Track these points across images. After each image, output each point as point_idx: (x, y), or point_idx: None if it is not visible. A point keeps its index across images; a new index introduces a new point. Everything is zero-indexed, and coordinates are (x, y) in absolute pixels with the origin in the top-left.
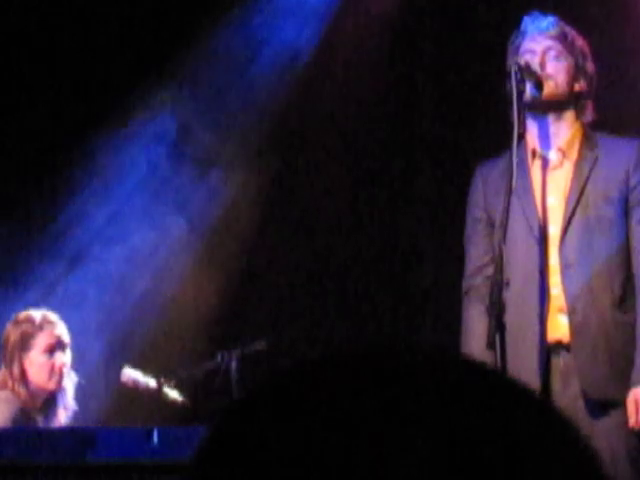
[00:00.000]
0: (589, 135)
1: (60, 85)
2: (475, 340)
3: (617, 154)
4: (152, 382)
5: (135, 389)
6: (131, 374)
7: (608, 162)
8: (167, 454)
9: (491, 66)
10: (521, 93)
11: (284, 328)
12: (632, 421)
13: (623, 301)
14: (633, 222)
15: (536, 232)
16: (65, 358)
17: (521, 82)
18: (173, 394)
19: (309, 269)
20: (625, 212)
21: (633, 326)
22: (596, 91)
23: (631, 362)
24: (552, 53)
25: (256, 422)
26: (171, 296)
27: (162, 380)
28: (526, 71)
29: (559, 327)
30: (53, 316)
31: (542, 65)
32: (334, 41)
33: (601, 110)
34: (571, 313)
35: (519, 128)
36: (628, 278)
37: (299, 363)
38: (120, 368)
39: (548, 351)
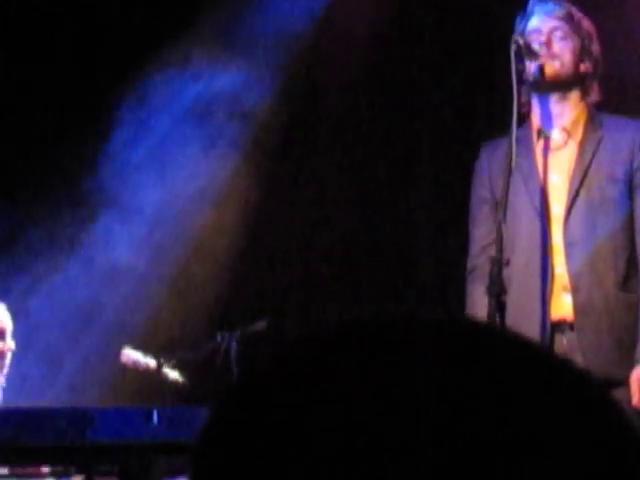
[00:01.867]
0: (594, 115)
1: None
2: (480, 319)
3: (622, 134)
4: (152, 362)
5: (135, 369)
6: (131, 354)
7: (612, 142)
8: (167, 434)
9: (493, 48)
10: (521, 72)
11: (284, 309)
12: (635, 400)
13: (627, 280)
14: (637, 202)
15: (540, 211)
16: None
17: (521, 61)
18: (173, 374)
19: (310, 250)
20: (629, 192)
21: (637, 305)
22: (602, 72)
23: (634, 341)
24: (558, 33)
25: (258, 400)
26: (171, 277)
27: (162, 360)
28: (526, 50)
29: (563, 306)
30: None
31: (548, 44)
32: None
33: (605, 91)
34: (575, 292)
35: (520, 107)
36: (632, 258)
37: (295, 342)
38: (120, 348)
39: (551, 330)
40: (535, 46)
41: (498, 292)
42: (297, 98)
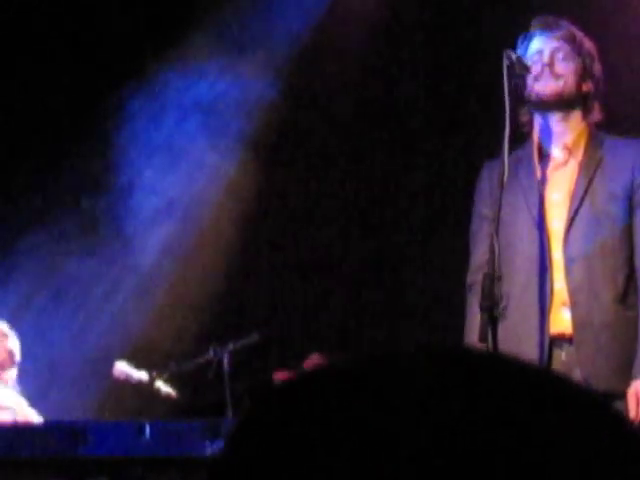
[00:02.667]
0: (595, 135)
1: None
2: (477, 334)
3: (622, 154)
4: (144, 376)
5: (127, 383)
6: (123, 368)
7: (613, 162)
8: (159, 449)
9: (487, 65)
10: (513, 87)
11: (276, 322)
12: (632, 414)
13: (626, 296)
14: (636, 220)
15: (540, 227)
16: (12, 374)
17: (515, 76)
18: (166, 388)
19: (302, 263)
20: (629, 210)
21: (635, 322)
22: (603, 92)
23: (632, 356)
24: (560, 54)
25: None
26: (163, 290)
27: (154, 374)
28: (518, 65)
29: (562, 321)
30: (5, 327)
31: (550, 65)
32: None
33: (606, 110)
34: (574, 307)
35: (521, 126)
36: (630, 274)
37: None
38: (113, 362)
39: (550, 344)
40: (527, 61)
41: (490, 306)
42: (292, 106)
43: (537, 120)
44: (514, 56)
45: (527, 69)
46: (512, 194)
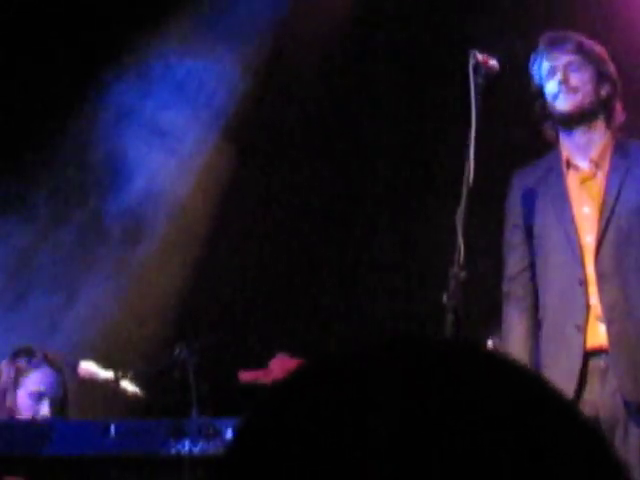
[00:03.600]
0: (621, 143)
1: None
2: (515, 341)
3: None
4: (109, 375)
5: (93, 383)
6: (88, 367)
7: (639, 171)
8: (124, 448)
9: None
10: (478, 85)
11: (243, 321)
12: None
13: None
14: None
15: (572, 241)
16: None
17: (480, 76)
18: (131, 388)
19: (267, 262)
20: None
21: None
22: (621, 91)
23: None
24: (573, 67)
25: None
26: (129, 289)
27: (120, 374)
28: (483, 65)
29: (598, 335)
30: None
31: (565, 80)
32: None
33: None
34: (608, 323)
35: (478, 122)
36: None
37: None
38: (78, 362)
39: (588, 357)
40: (492, 62)
41: (455, 306)
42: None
43: (562, 134)
44: (480, 56)
45: (493, 69)
46: (543, 204)
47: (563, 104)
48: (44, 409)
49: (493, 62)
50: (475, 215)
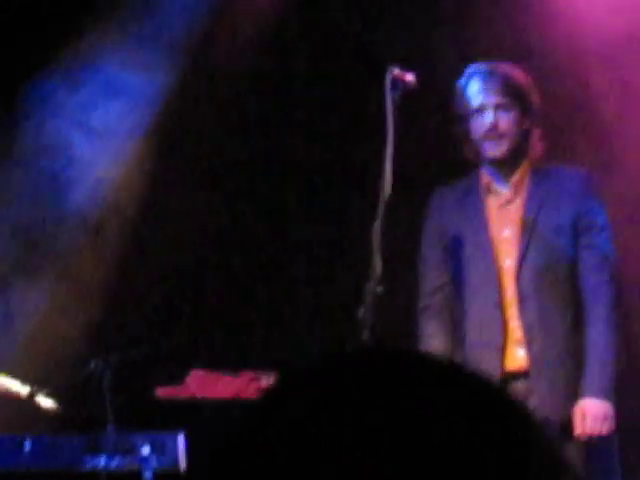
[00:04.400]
0: (539, 168)
1: None
2: (435, 352)
3: (565, 185)
4: (24, 390)
5: (6, 397)
6: (2, 382)
7: (557, 194)
8: (39, 463)
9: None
10: (394, 100)
11: (159, 336)
12: (577, 430)
13: (576, 324)
14: (581, 247)
15: (490, 264)
16: None
17: (398, 91)
18: (46, 402)
19: (183, 276)
20: (575, 240)
21: (583, 345)
22: (542, 117)
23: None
24: (502, 109)
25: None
26: (45, 302)
27: (35, 388)
28: (400, 80)
29: (517, 358)
30: None
31: (495, 126)
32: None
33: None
34: (529, 344)
35: (394, 137)
36: (579, 303)
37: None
38: None
39: (508, 379)
40: (409, 77)
41: (372, 322)
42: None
43: (483, 161)
44: (397, 71)
45: (409, 84)
46: (461, 226)
47: (492, 151)
48: None
49: (410, 77)
50: (394, 229)
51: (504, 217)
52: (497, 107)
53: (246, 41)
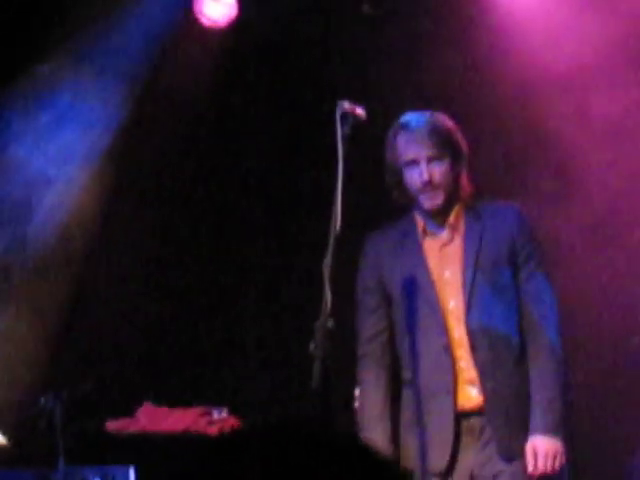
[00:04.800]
0: (472, 206)
1: None
2: (375, 404)
3: (500, 221)
4: None
5: None
6: None
7: (494, 230)
8: None
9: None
10: (345, 134)
11: (109, 370)
12: (530, 468)
13: (521, 356)
14: (521, 280)
15: (435, 307)
16: None
17: (348, 125)
18: None
19: (136, 310)
20: (514, 274)
21: (528, 375)
22: (471, 162)
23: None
24: (435, 162)
25: None
26: None
27: None
28: (350, 114)
29: (469, 397)
30: None
31: (429, 180)
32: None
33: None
34: (483, 383)
35: (344, 170)
36: (522, 334)
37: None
38: None
39: (459, 419)
40: (359, 111)
41: (323, 355)
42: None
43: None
44: (347, 105)
45: (359, 118)
46: (400, 270)
47: (429, 203)
48: None
49: (360, 111)
50: (343, 263)
51: (444, 259)
52: (429, 160)
53: (198, 72)
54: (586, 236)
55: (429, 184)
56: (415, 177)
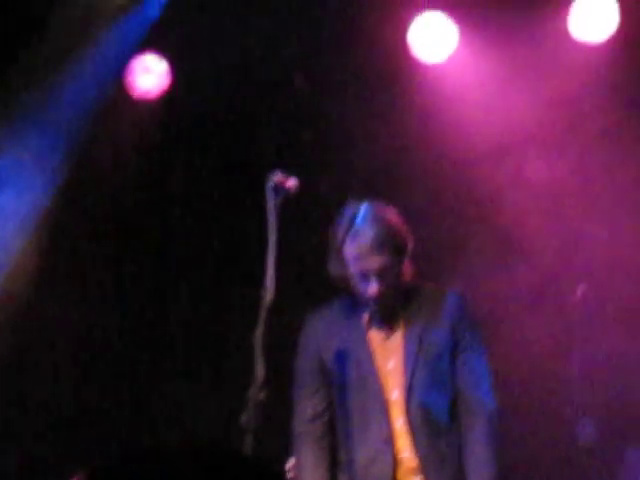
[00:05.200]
0: (413, 293)
1: None
2: None
3: (441, 308)
4: None
5: None
6: None
7: (434, 318)
8: None
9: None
10: (276, 205)
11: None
12: None
13: (458, 437)
14: (458, 365)
15: (378, 398)
16: None
17: (279, 196)
18: None
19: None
20: (452, 361)
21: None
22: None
23: None
24: (385, 270)
25: None
26: None
27: None
28: (280, 186)
29: None
30: None
31: (380, 289)
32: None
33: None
34: (425, 473)
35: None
36: (456, 415)
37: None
38: None
39: None
40: (290, 182)
41: (254, 427)
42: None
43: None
44: (278, 177)
45: (291, 189)
46: (343, 356)
47: (374, 302)
48: None
49: (291, 182)
50: (278, 333)
51: (387, 349)
52: (382, 268)
53: (127, 143)
54: (528, 298)
55: (378, 292)
56: (364, 287)
